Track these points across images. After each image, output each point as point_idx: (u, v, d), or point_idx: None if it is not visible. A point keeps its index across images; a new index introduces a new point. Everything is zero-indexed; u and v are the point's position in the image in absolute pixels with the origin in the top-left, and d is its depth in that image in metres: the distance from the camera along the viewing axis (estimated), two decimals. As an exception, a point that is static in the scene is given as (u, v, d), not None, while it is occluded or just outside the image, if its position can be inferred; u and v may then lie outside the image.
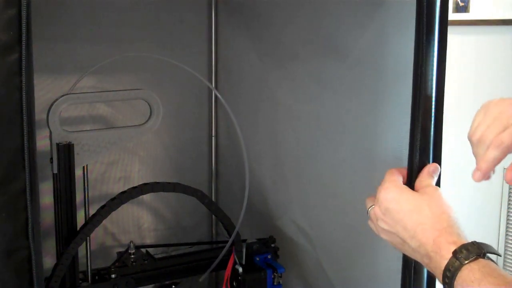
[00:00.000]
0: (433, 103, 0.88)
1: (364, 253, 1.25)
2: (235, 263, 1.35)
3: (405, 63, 0.93)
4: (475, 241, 0.73)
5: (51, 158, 1.16)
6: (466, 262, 0.70)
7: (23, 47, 0.81)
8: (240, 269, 1.34)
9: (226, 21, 1.62)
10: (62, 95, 1.17)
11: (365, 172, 1.21)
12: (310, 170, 1.37)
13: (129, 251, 1.32)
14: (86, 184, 1.22)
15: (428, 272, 0.91)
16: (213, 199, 1.70)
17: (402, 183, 0.85)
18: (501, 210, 2.79)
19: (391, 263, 1.11)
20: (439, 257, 0.73)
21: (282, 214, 1.49)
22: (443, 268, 0.73)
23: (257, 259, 1.39)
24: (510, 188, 2.75)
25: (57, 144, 1.16)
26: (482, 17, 2.73)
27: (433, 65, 0.87)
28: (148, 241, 1.63)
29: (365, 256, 1.25)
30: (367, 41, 1.15)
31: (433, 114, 0.88)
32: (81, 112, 1.47)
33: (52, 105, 1.15)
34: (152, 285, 1.39)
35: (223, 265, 1.35)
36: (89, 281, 1.24)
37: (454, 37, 2.63)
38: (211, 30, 1.64)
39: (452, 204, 0.80)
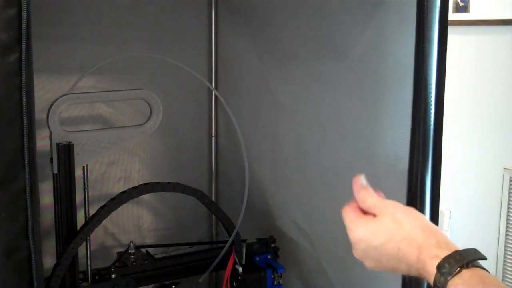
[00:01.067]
0: (433, 103, 0.88)
1: (364, 253, 1.24)
2: (235, 263, 1.35)
3: (405, 63, 0.93)
4: (457, 250, 0.71)
5: (51, 158, 1.16)
6: (449, 278, 0.69)
7: (23, 47, 0.81)
8: (240, 269, 1.34)
9: (226, 21, 1.62)
10: (62, 95, 1.17)
11: (365, 172, 1.20)
12: (310, 170, 1.37)
13: (129, 251, 1.32)
14: (86, 184, 1.22)
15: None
16: (213, 199, 1.70)
17: (358, 216, 0.82)
18: (501, 210, 2.79)
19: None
20: (427, 274, 0.73)
21: (282, 214, 1.49)
22: (433, 285, 0.72)
23: (257, 259, 1.39)
24: (510, 188, 2.75)
25: (57, 144, 1.16)
26: (482, 17, 2.73)
27: (433, 65, 0.87)
28: (148, 241, 1.63)
29: (365, 256, 1.25)
30: (367, 41, 1.15)
31: (433, 114, 0.88)
32: (81, 112, 1.47)
33: (52, 105, 1.15)
34: (152, 285, 1.39)
35: (223, 265, 1.35)
36: (89, 281, 1.24)
37: (454, 37, 2.63)
38: (211, 30, 1.64)
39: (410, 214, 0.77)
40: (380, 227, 0.78)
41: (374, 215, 0.79)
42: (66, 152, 1.16)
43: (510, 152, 2.70)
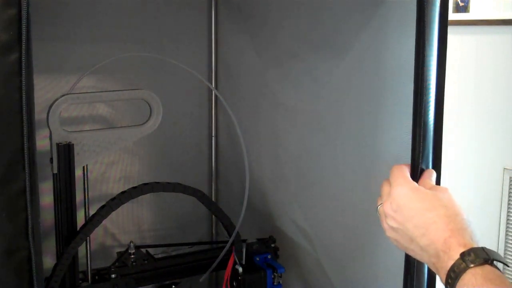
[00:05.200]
0: (434, 103, 0.88)
1: (365, 253, 1.25)
2: (235, 263, 1.35)
3: (405, 63, 0.93)
4: (485, 247, 0.73)
5: (51, 158, 1.16)
6: (472, 265, 0.70)
7: (23, 47, 0.81)
8: (240, 269, 1.34)
9: (226, 21, 1.62)
10: (62, 95, 1.17)
11: (365, 172, 1.21)
12: (310, 170, 1.37)
13: (129, 251, 1.32)
14: (86, 184, 1.22)
15: (429, 273, 0.91)
16: (213, 199, 1.70)
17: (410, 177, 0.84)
18: (501, 210, 2.79)
19: (392, 263, 1.11)
20: (447, 257, 0.73)
21: (282, 214, 1.49)
22: (448, 268, 0.72)
23: (257, 259, 1.39)
24: (510, 188, 2.75)
25: (57, 144, 1.16)
26: (482, 17, 2.74)
27: (433, 65, 0.87)
28: (148, 241, 1.63)
29: (366, 256, 1.25)
30: (367, 40, 1.15)
31: (433, 114, 0.88)
32: (81, 112, 1.48)
33: (52, 105, 1.15)
34: (152, 285, 1.39)
35: (223, 265, 1.35)
36: (89, 281, 1.24)
37: (454, 37, 2.63)
38: (211, 30, 1.64)
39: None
40: (429, 197, 0.80)
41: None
42: (66, 152, 1.16)
43: (510, 152, 2.70)
